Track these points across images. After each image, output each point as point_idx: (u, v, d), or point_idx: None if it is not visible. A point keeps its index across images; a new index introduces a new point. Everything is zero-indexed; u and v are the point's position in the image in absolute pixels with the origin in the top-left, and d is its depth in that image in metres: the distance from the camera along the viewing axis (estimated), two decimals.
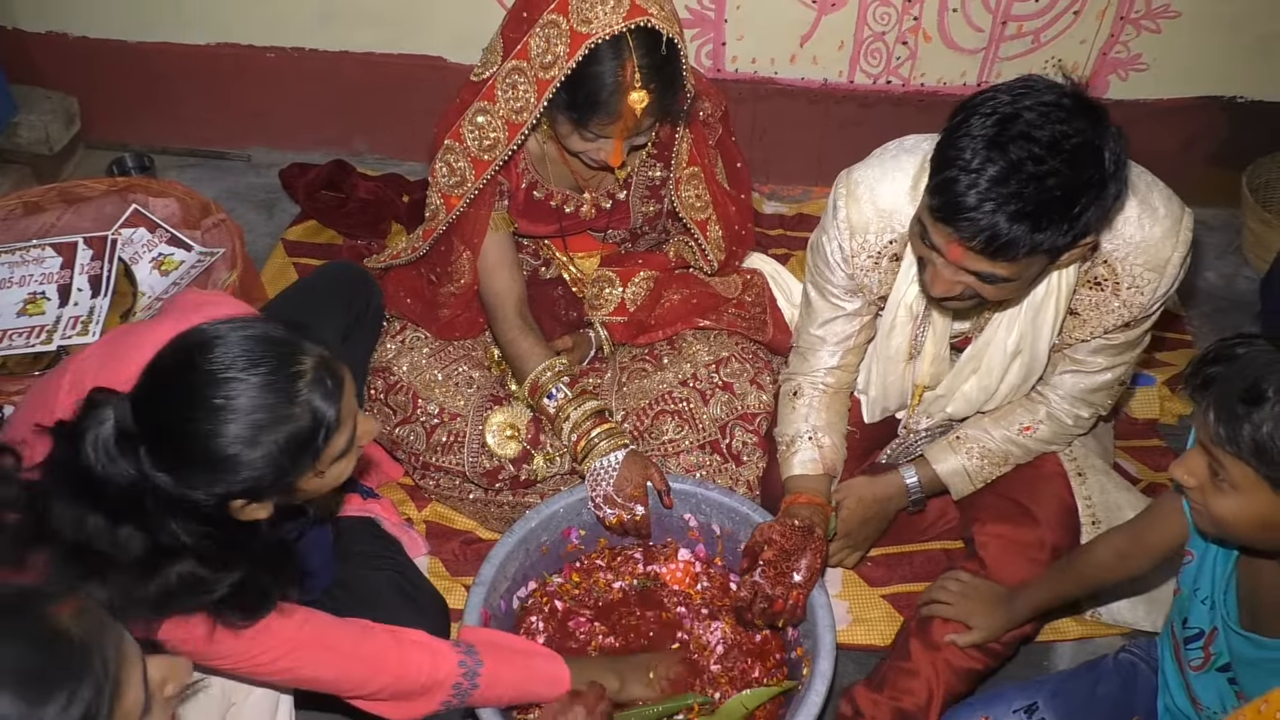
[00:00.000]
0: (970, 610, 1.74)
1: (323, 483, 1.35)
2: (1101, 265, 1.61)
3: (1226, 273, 2.84)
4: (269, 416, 1.21)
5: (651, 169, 2.04)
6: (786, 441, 1.88)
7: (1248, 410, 1.17)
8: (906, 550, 2.11)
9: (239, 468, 1.22)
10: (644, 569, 1.93)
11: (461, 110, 1.89)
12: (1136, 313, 1.64)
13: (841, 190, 1.71)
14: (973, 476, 1.86)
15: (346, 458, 1.36)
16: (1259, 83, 2.78)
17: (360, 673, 1.46)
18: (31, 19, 2.95)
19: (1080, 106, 1.35)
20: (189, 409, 1.20)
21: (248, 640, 1.35)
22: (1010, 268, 1.40)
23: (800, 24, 2.74)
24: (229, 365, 1.21)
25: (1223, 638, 1.41)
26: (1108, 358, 1.73)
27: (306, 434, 1.25)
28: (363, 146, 3.12)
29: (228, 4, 2.87)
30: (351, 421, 1.33)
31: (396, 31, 2.87)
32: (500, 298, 2.03)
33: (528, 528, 1.83)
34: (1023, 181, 1.31)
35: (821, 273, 1.81)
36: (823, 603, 1.71)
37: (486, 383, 2.10)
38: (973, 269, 1.42)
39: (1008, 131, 1.33)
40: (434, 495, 2.14)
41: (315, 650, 1.43)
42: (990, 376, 1.77)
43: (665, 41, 1.70)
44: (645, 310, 2.14)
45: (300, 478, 1.30)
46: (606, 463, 1.86)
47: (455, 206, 1.96)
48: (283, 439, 1.23)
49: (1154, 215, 1.58)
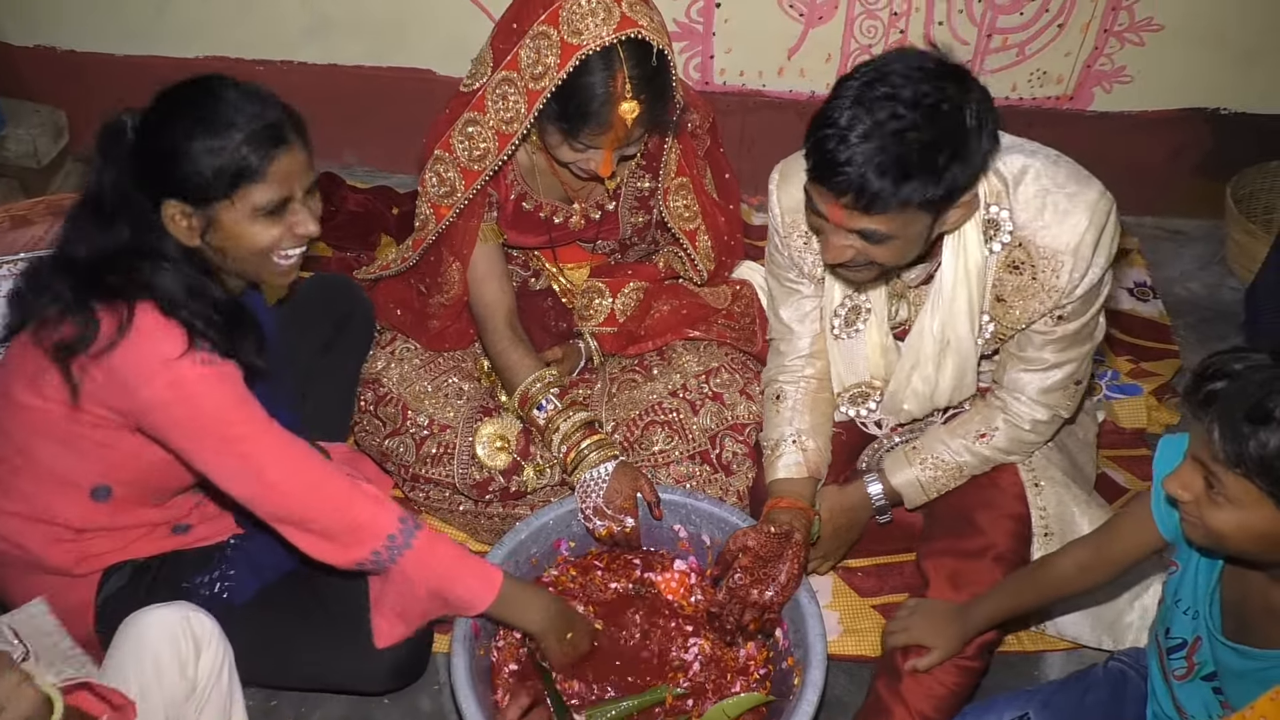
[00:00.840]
0: (924, 631, 1.72)
1: (243, 233, 1.50)
2: (1018, 248, 1.64)
3: (1211, 283, 2.86)
4: (206, 130, 1.44)
5: (640, 180, 2.04)
6: (770, 446, 1.89)
7: (1253, 429, 1.18)
8: (896, 560, 2.11)
9: (170, 159, 1.45)
10: (641, 574, 1.93)
11: (451, 121, 1.90)
12: (1058, 298, 1.64)
13: (775, 176, 1.83)
14: (926, 487, 1.85)
15: (269, 223, 1.51)
16: (1242, 95, 2.80)
17: (307, 486, 1.53)
18: (19, 33, 2.95)
19: (944, 69, 1.44)
20: (171, 106, 1.48)
21: (232, 403, 1.49)
22: (886, 222, 1.47)
23: (788, 37, 2.76)
24: (213, 89, 1.48)
25: (1207, 647, 1.41)
26: (1054, 353, 1.73)
27: (228, 164, 1.45)
28: (352, 159, 3.13)
29: (217, 17, 2.87)
30: (283, 193, 1.50)
31: (385, 44, 2.88)
32: (490, 309, 2.03)
33: (517, 539, 1.82)
34: (885, 137, 1.40)
35: (773, 259, 1.90)
36: (813, 612, 1.71)
37: (477, 394, 2.10)
38: (854, 227, 1.49)
39: (873, 92, 1.42)
40: (424, 507, 2.14)
41: (280, 445, 1.52)
42: (927, 367, 1.78)
43: (656, 53, 1.71)
44: (635, 321, 2.15)
45: (218, 202, 1.47)
46: (596, 474, 1.86)
47: (445, 216, 1.96)
48: (205, 153, 1.44)
49: (1065, 194, 1.60)
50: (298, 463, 1.54)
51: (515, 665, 1.78)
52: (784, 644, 1.78)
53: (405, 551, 1.56)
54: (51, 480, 1.60)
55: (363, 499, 1.56)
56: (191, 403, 1.46)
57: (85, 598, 1.66)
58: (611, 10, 1.68)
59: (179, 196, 1.47)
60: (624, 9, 1.69)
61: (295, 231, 1.55)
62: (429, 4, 2.77)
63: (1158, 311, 2.71)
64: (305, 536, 1.54)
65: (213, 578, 1.72)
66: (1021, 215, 1.62)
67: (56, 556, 1.64)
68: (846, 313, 1.82)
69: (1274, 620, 1.33)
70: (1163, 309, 2.72)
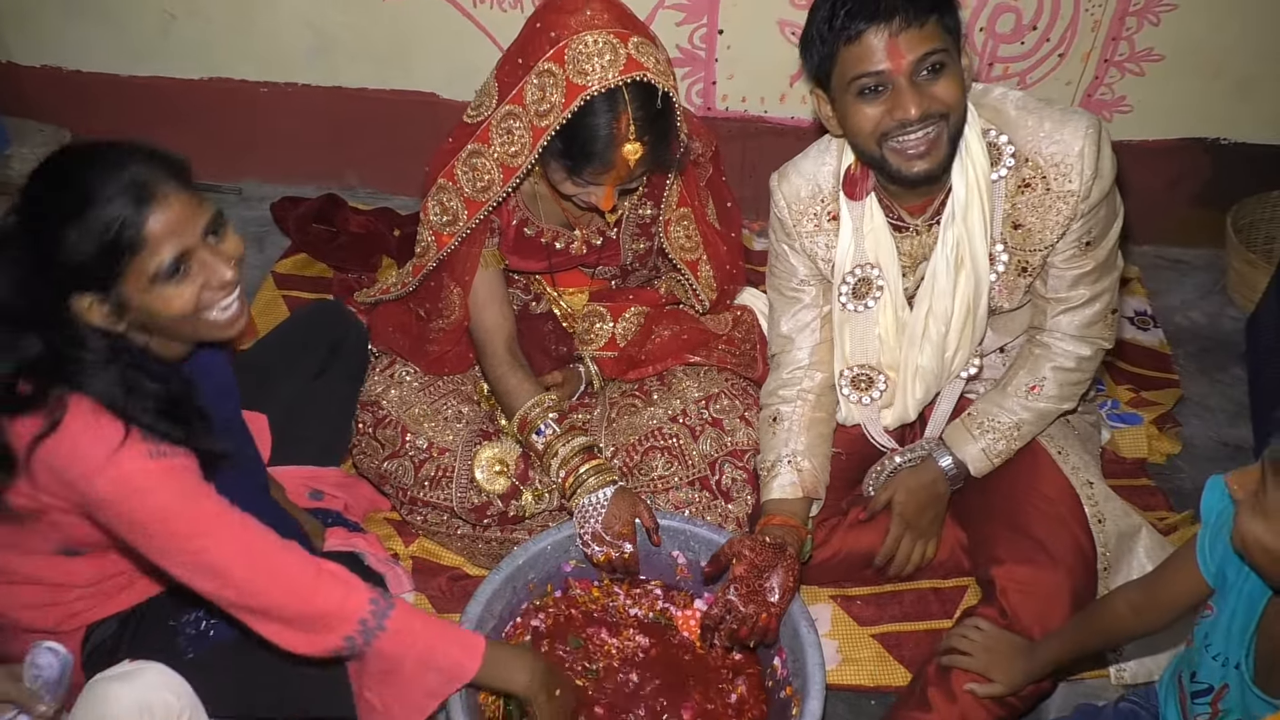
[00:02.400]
0: (991, 662, 1.70)
1: (157, 303, 1.40)
2: (1025, 165, 1.71)
3: (1212, 312, 2.86)
4: (72, 211, 1.33)
5: (643, 207, 2.05)
6: (766, 467, 1.90)
7: None
8: (897, 589, 2.09)
9: (55, 251, 1.33)
10: (661, 605, 1.92)
11: (455, 150, 1.90)
12: (1075, 204, 1.70)
13: (774, 180, 1.92)
14: (988, 453, 1.88)
15: (178, 285, 1.40)
16: (1241, 125, 2.81)
17: (269, 577, 1.42)
18: (26, 53, 2.97)
19: None
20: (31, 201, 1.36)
21: (179, 499, 1.38)
22: (935, 33, 1.57)
23: (790, 64, 2.77)
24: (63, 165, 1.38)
25: (1235, 695, 1.39)
26: (1088, 285, 1.79)
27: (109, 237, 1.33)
28: (354, 180, 3.14)
29: (221, 38, 2.89)
30: (173, 249, 1.38)
31: (388, 67, 2.89)
32: (490, 334, 2.03)
33: (515, 565, 1.81)
34: None
35: (776, 270, 1.98)
36: (812, 641, 1.70)
37: (476, 417, 2.10)
38: (919, 53, 1.57)
39: None
40: (421, 530, 2.13)
41: (235, 536, 1.42)
42: (942, 302, 1.80)
43: (660, 95, 1.71)
44: (636, 345, 2.15)
45: (118, 281, 1.36)
46: (595, 499, 1.85)
47: (447, 244, 1.96)
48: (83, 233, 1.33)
49: (1057, 111, 1.71)
50: (257, 554, 1.43)
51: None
52: (782, 673, 1.76)
53: (379, 634, 1.46)
54: (14, 550, 1.53)
55: (330, 584, 1.46)
56: (136, 499, 1.37)
57: (71, 649, 1.60)
58: (617, 51, 1.68)
59: (79, 288, 1.36)
60: (630, 50, 1.69)
61: (211, 284, 1.43)
62: (433, 27, 2.79)
63: (1158, 340, 2.71)
64: (273, 627, 1.44)
65: (199, 615, 1.65)
66: (1020, 134, 1.71)
67: (40, 620, 1.59)
68: (856, 283, 1.86)
69: None
70: (1163, 338, 2.72)
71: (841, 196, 1.82)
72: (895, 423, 1.98)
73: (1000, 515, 1.89)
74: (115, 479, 1.35)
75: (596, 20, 1.70)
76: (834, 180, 1.83)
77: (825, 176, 1.84)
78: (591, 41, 1.68)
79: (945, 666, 1.75)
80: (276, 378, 2.11)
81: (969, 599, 2.05)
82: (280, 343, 2.20)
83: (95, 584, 1.62)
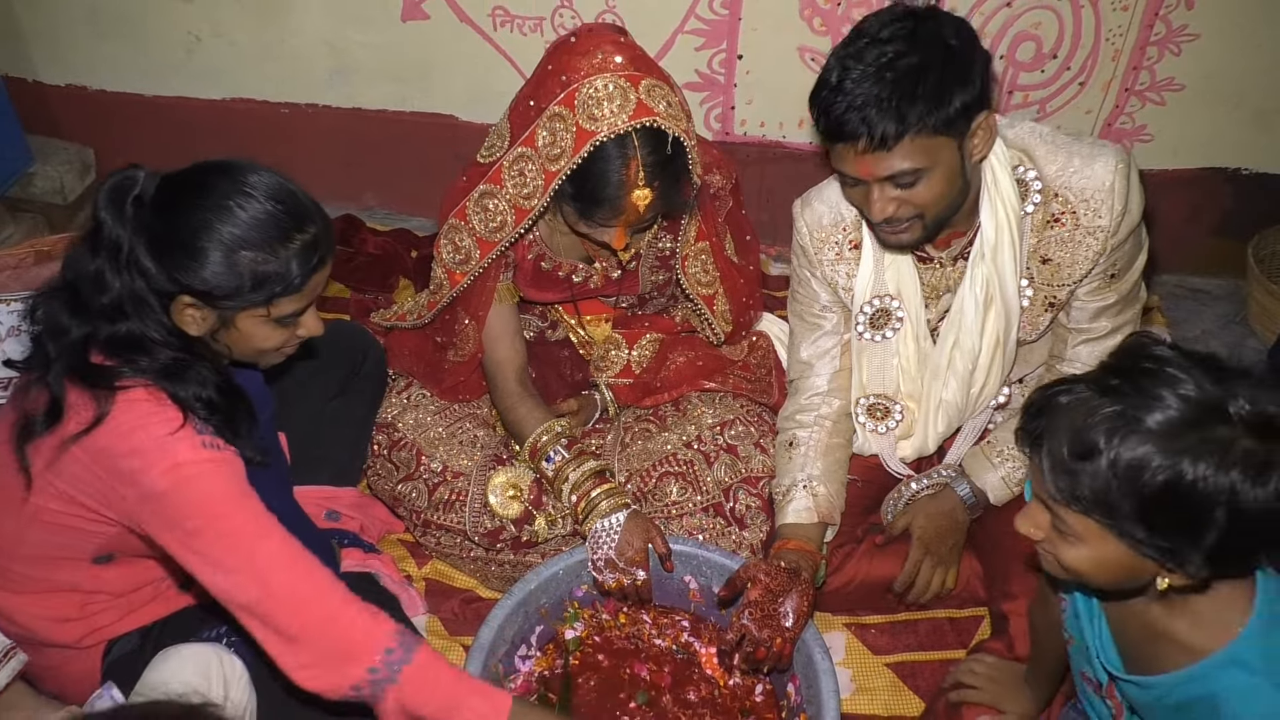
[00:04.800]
0: (1000, 694, 1.70)
1: (254, 335, 1.47)
2: (1054, 200, 1.70)
3: (1232, 342, 2.84)
4: (256, 239, 1.39)
5: (662, 240, 2.04)
6: (781, 491, 1.89)
7: (1080, 464, 1.13)
8: (911, 618, 2.07)
9: (205, 263, 1.37)
10: (686, 638, 1.91)
11: (467, 190, 1.90)
12: (1104, 239, 1.69)
13: (797, 207, 1.91)
14: (1008, 481, 1.88)
15: (282, 329, 1.49)
16: (1262, 155, 2.80)
17: (309, 590, 1.38)
18: (52, 72, 3.01)
19: (913, 9, 1.55)
20: (203, 198, 1.39)
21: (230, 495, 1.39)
22: (909, 155, 1.52)
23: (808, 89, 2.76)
24: (257, 189, 1.40)
25: (1118, 687, 1.38)
26: (1110, 318, 1.80)
27: (272, 276, 1.41)
28: (373, 201, 3.15)
29: (243, 59, 2.92)
30: (309, 302, 1.49)
31: (408, 89, 2.91)
32: (501, 367, 2.03)
33: (527, 590, 1.80)
34: (877, 73, 1.49)
35: (797, 296, 1.97)
36: (827, 669, 1.68)
37: (491, 442, 2.09)
38: (883, 173, 1.55)
39: (856, 44, 1.53)
40: (434, 553, 2.12)
41: (282, 544, 1.39)
42: (970, 338, 1.80)
43: (671, 140, 1.71)
44: (651, 372, 2.14)
45: (244, 309, 1.43)
46: (608, 524, 1.84)
47: (460, 282, 1.97)
48: (252, 264, 1.39)
49: (1086, 146, 1.69)
50: (300, 565, 1.40)
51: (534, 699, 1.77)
52: (796, 700, 1.75)
53: (404, 669, 1.38)
54: (52, 559, 1.53)
55: (360, 610, 1.41)
56: (189, 489, 1.36)
57: (92, 665, 1.62)
58: (628, 95, 1.68)
59: (195, 294, 1.40)
60: (640, 94, 1.68)
61: (298, 334, 1.53)
62: (453, 50, 2.81)
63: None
64: (298, 657, 1.37)
65: (220, 631, 1.61)
66: (1049, 169, 1.69)
67: (61, 635, 1.59)
68: (874, 313, 1.85)
69: (1156, 641, 1.29)
70: None
71: (864, 226, 1.81)
72: (914, 455, 1.97)
73: (1015, 549, 1.87)
74: (170, 469, 1.35)
75: (608, 64, 1.70)
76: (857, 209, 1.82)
77: (848, 205, 1.83)
78: (601, 86, 1.68)
79: (955, 703, 1.73)
80: (294, 398, 2.11)
81: (985, 629, 2.03)
82: (298, 362, 2.19)
83: (125, 594, 1.62)
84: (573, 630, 1.89)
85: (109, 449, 1.37)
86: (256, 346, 1.50)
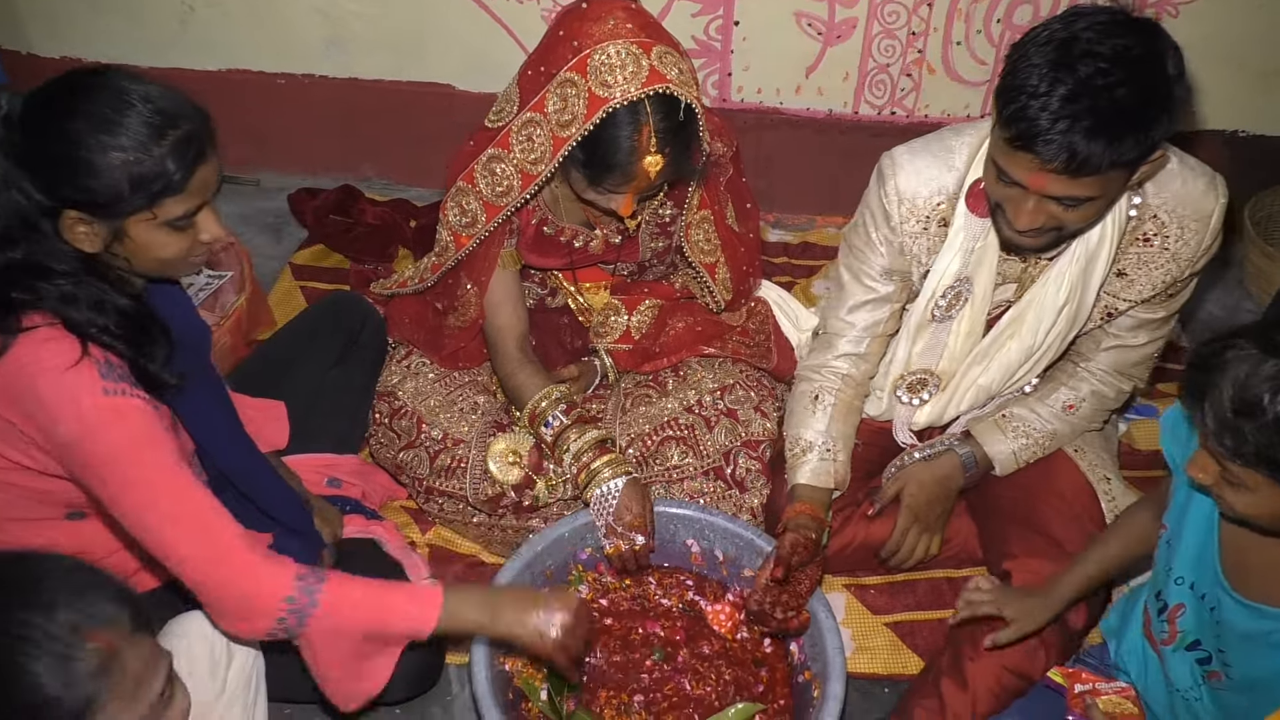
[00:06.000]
0: (1006, 602, 1.66)
1: (151, 243, 1.41)
2: (1150, 220, 1.66)
3: (1229, 305, 2.85)
4: (128, 142, 1.33)
5: (663, 207, 2.04)
6: (802, 446, 1.87)
7: (1243, 420, 1.17)
8: (910, 579, 2.10)
9: (80, 171, 1.33)
10: (692, 596, 1.92)
11: (475, 154, 1.90)
12: (1184, 267, 1.68)
13: (886, 163, 1.76)
14: (1018, 456, 1.89)
15: (178, 233, 1.42)
16: (1260, 118, 2.81)
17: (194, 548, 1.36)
18: (46, 44, 2.99)
19: (1133, 21, 1.40)
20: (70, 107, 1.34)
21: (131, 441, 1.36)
22: (1093, 185, 1.43)
23: (806, 55, 2.77)
24: (123, 93, 1.35)
25: (1191, 615, 1.40)
26: (1149, 331, 1.80)
27: (150, 176, 1.35)
28: (371, 172, 3.15)
29: (237, 30, 2.91)
30: (199, 202, 1.41)
31: (405, 59, 2.91)
32: (502, 333, 2.03)
33: (533, 553, 1.82)
34: (1094, 96, 1.35)
35: (860, 254, 1.85)
36: (830, 626, 1.71)
37: (492, 408, 2.11)
38: (1056, 194, 1.45)
39: (1071, 52, 1.37)
40: (438, 519, 2.14)
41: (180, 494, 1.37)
42: (1034, 336, 1.77)
43: (683, 107, 1.70)
44: (650, 338, 2.15)
45: (131, 214, 1.37)
46: (608, 489, 1.85)
47: (465, 245, 1.97)
48: (126, 166, 1.33)
49: (1193, 170, 1.64)
50: (199, 524, 1.38)
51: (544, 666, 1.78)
52: (800, 658, 1.78)
53: (313, 612, 1.39)
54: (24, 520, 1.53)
55: (259, 562, 1.39)
56: (91, 438, 1.34)
57: None
58: (640, 62, 1.67)
59: (81, 207, 1.35)
60: (652, 60, 1.67)
61: (200, 239, 1.45)
62: (449, 19, 2.80)
63: (1175, 333, 2.70)
64: (213, 606, 1.40)
65: None
66: (1164, 191, 1.63)
67: None
68: (952, 296, 1.80)
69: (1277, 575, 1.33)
70: (1179, 330, 2.71)
71: (961, 207, 1.72)
72: (928, 424, 1.98)
73: (1015, 513, 1.90)
74: (74, 417, 1.34)
75: (620, 30, 1.69)
76: (956, 187, 1.72)
77: (949, 182, 1.73)
78: (614, 52, 1.67)
79: (964, 620, 1.70)
80: (294, 367, 2.13)
81: None
82: (297, 333, 2.22)
83: (113, 554, 1.60)
84: (578, 593, 1.91)
85: (12, 392, 1.35)
86: (157, 256, 1.43)
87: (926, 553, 1.98)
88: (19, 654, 1.00)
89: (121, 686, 1.03)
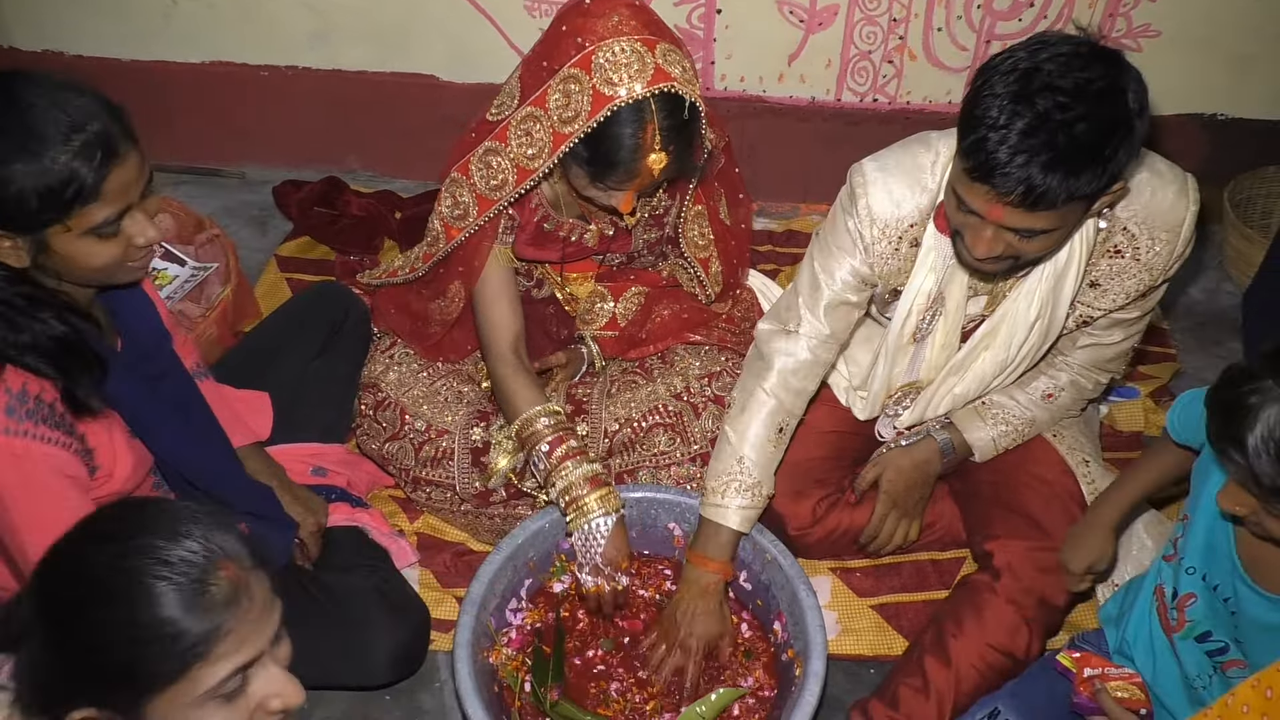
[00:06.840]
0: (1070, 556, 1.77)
1: (77, 254, 1.35)
2: (1120, 233, 1.66)
3: (1209, 287, 2.87)
4: (28, 152, 1.26)
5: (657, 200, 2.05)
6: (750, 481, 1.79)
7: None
8: (895, 561, 2.12)
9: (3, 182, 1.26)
10: (670, 586, 1.93)
11: (473, 145, 1.89)
12: (1157, 275, 1.69)
13: (858, 180, 1.73)
14: (997, 443, 1.92)
15: (107, 241, 1.36)
16: (1238, 101, 2.82)
17: None
18: (27, 37, 2.98)
19: (1097, 53, 1.39)
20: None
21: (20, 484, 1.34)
22: (1050, 218, 1.43)
23: (788, 43, 2.78)
24: (23, 97, 1.28)
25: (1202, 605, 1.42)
26: (1124, 329, 1.82)
27: (57, 186, 1.28)
28: (355, 164, 3.15)
29: (222, 23, 2.90)
30: (122, 206, 1.35)
31: (389, 50, 2.90)
32: (496, 330, 1.99)
33: (515, 544, 1.84)
34: (1052, 131, 1.34)
35: (834, 258, 1.78)
36: (811, 604, 1.73)
37: (476, 397, 2.12)
38: (1013, 226, 1.45)
39: (1031, 85, 1.36)
40: (425, 508, 2.16)
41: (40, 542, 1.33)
42: (1007, 350, 1.79)
43: (687, 105, 1.70)
44: (636, 325, 2.16)
45: (48, 227, 1.31)
46: (594, 526, 1.81)
47: (455, 238, 1.96)
48: (28, 178, 1.27)
49: (1162, 179, 1.64)
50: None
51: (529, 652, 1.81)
52: (783, 637, 1.80)
53: None
54: None
55: None
56: None
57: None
58: (645, 60, 1.66)
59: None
60: (657, 59, 1.67)
61: (135, 244, 1.40)
62: (433, 10, 2.80)
63: (1155, 315, 2.72)
64: None
65: None
66: (1133, 203, 1.63)
67: None
68: (921, 318, 1.79)
69: None
70: (1160, 312, 2.73)
71: (931, 228, 1.71)
72: (910, 425, 1.99)
73: (996, 496, 1.92)
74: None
75: (624, 27, 1.68)
76: (929, 206, 1.70)
77: (923, 202, 1.70)
78: (619, 50, 1.66)
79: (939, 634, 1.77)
80: (278, 358, 2.14)
81: (966, 570, 2.08)
82: (282, 324, 2.23)
83: None
84: (560, 583, 1.92)
85: None
86: (88, 265, 1.38)
87: (905, 538, 2.00)
88: (150, 575, 0.98)
89: (247, 617, 1.02)
